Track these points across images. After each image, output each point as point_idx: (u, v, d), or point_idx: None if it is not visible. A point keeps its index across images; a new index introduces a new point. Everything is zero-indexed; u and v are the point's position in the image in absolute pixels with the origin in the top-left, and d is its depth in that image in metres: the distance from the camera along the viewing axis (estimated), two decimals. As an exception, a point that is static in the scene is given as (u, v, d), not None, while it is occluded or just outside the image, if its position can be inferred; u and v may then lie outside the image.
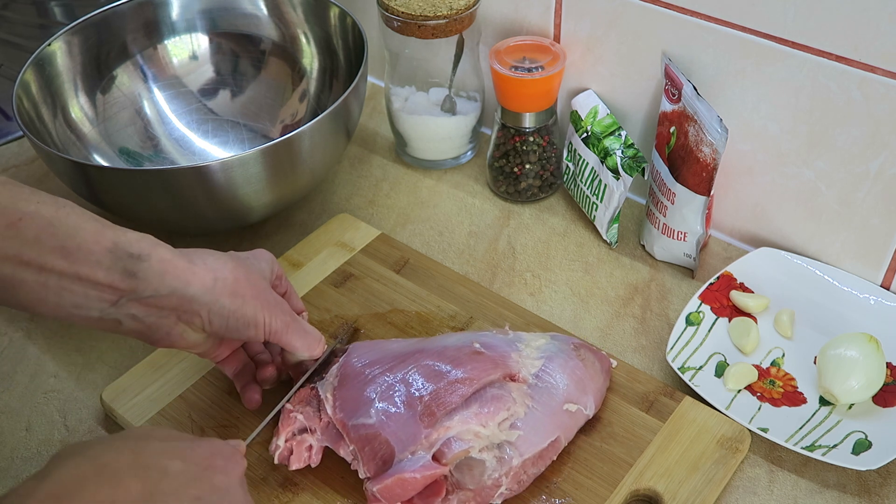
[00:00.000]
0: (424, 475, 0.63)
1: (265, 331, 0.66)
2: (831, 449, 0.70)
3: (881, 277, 0.81)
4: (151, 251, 0.61)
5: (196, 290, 0.62)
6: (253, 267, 0.68)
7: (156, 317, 0.62)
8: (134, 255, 0.60)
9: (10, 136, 1.08)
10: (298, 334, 0.68)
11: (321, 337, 0.70)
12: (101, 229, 0.60)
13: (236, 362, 0.73)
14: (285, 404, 0.69)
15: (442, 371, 0.68)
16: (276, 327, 0.66)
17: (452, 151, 1.00)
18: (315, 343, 0.69)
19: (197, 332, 0.65)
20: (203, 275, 0.63)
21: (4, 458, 0.73)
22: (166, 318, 0.63)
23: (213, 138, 1.01)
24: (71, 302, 0.60)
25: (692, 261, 0.86)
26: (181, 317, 0.63)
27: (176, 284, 0.61)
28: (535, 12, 0.92)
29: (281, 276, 0.72)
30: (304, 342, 0.68)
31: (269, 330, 0.66)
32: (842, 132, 0.77)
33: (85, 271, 0.59)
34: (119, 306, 0.61)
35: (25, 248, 0.58)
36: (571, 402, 0.69)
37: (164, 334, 0.64)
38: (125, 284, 0.60)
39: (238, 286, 0.64)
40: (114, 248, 0.60)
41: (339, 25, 0.97)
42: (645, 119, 0.91)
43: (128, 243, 0.60)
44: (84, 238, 0.59)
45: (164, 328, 0.63)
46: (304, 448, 0.68)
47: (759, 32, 0.77)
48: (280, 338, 0.67)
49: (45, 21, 1.23)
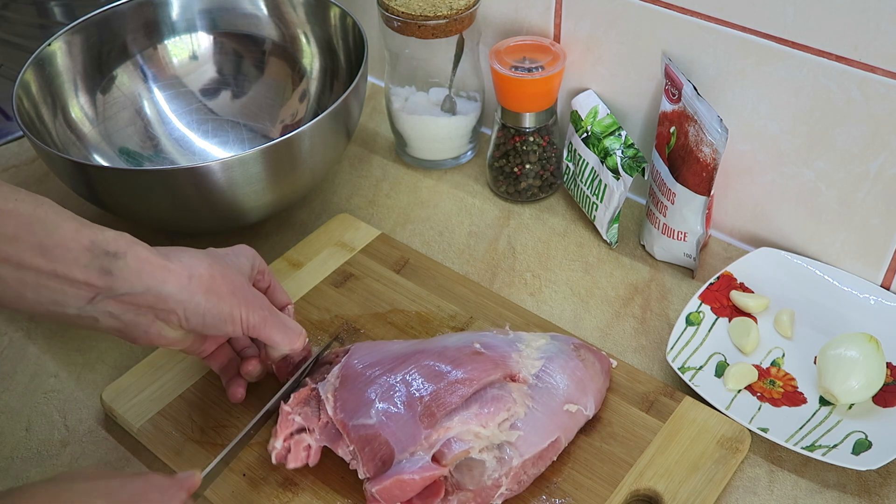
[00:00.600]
0: (424, 476, 0.63)
1: (243, 326, 0.66)
2: (831, 449, 0.70)
3: (881, 277, 0.81)
4: (128, 249, 0.62)
5: (171, 289, 0.63)
6: (230, 263, 0.68)
7: (132, 314, 0.63)
8: (110, 252, 0.61)
9: (10, 136, 1.08)
10: (278, 328, 0.68)
11: (302, 330, 0.70)
12: (78, 227, 0.61)
13: (222, 357, 0.73)
14: (283, 406, 0.69)
15: (442, 371, 0.68)
16: (253, 322, 0.66)
17: (452, 151, 1.00)
18: (295, 337, 0.69)
19: (175, 329, 0.66)
20: (178, 272, 0.63)
21: (4, 458, 0.73)
22: (143, 316, 0.63)
23: (213, 138, 1.01)
24: (49, 299, 0.60)
25: (692, 261, 0.86)
26: (158, 315, 0.64)
27: (151, 283, 0.62)
28: (535, 12, 0.92)
29: (264, 271, 0.72)
30: (284, 336, 0.69)
31: (246, 325, 0.66)
32: (842, 132, 0.77)
33: (62, 269, 0.60)
34: (95, 303, 0.61)
35: (4, 245, 0.58)
36: (572, 402, 0.69)
37: (142, 332, 0.64)
38: (102, 282, 0.61)
39: (214, 283, 0.64)
40: (91, 246, 0.61)
41: (340, 25, 0.97)
42: (645, 119, 0.91)
43: (105, 241, 0.61)
44: (62, 236, 0.60)
45: (142, 326, 0.64)
46: (302, 448, 0.68)
47: (759, 32, 0.77)
48: (259, 332, 0.67)
49: (45, 21, 1.23)
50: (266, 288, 0.73)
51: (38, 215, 0.60)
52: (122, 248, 0.61)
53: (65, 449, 0.74)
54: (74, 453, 0.74)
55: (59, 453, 0.74)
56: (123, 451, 0.73)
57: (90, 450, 0.74)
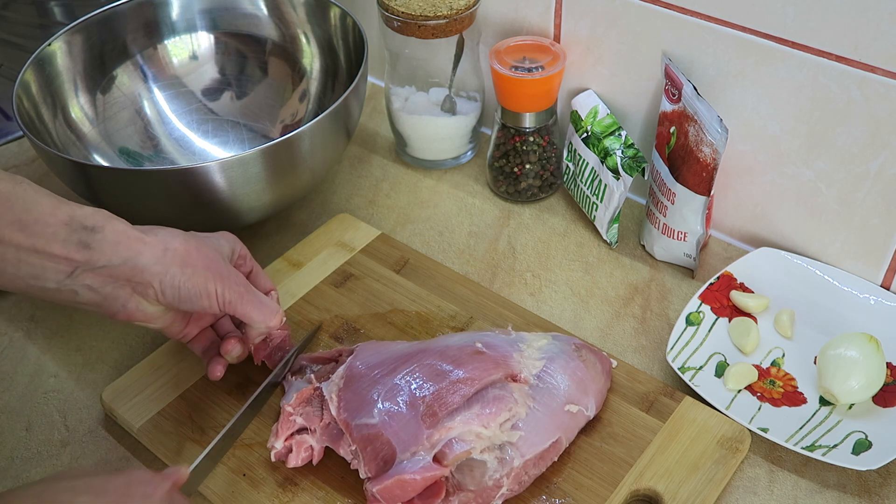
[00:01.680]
0: (425, 476, 0.63)
1: (219, 301, 0.67)
2: (831, 449, 0.70)
3: (881, 277, 0.81)
4: (105, 223, 0.64)
5: (147, 260, 0.64)
6: (208, 242, 0.70)
7: (110, 287, 0.64)
8: (88, 227, 0.63)
9: (10, 136, 1.08)
10: (254, 304, 0.69)
11: (278, 308, 0.71)
12: (56, 204, 0.63)
13: (205, 341, 0.74)
14: (285, 406, 0.69)
15: (444, 370, 0.68)
16: (229, 298, 0.68)
17: (452, 151, 1.00)
18: (271, 314, 0.70)
19: (152, 304, 0.67)
20: (154, 245, 0.65)
21: (4, 458, 0.73)
22: (121, 290, 0.65)
23: (213, 138, 1.01)
24: (28, 273, 0.62)
25: (692, 261, 0.86)
26: (135, 288, 0.65)
27: (128, 254, 0.64)
28: (535, 12, 0.92)
29: (245, 256, 0.74)
30: (260, 312, 0.69)
31: (222, 300, 0.67)
32: (842, 132, 0.77)
33: (41, 244, 0.61)
34: (74, 277, 0.63)
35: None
36: (573, 403, 0.69)
37: (121, 306, 0.66)
38: (80, 256, 0.62)
39: (188, 256, 0.66)
40: (69, 221, 0.62)
41: (340, 25, 0.97)
42: (645, 119, 0.91)
43: (83, 216, 0.63)
44: (41, 212, 0.62)
45: (120, 300, 0.65)
46: (304, 448, 0.68)
47: (759, 32, 0.77)
48: (235, 308, 0.68)
49: (45, 21, 1.23)
50: (248, 273, 0.74)
51: (17, 193, 0.61)
52: (99, 223, 0.63)
53: (65, 449, 0.74)
54: (74, 453, 0.74)
55: (59, 453, 0.74)
56: (123, 451, 0.73)
57: (90, 450, 0.74)
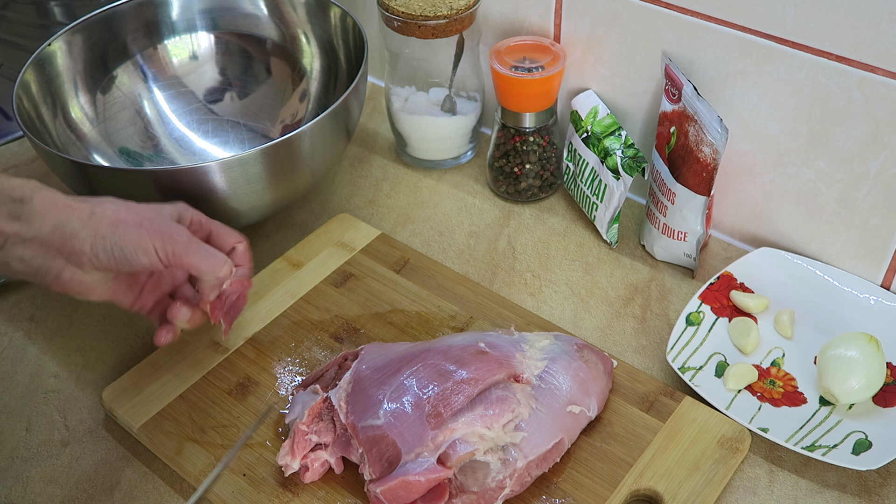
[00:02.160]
0: (429, 478, 0.63)
1: (160, 256, 0.66)
2: (831, 449, 0.70)
3: (881, 277, 0.81)
4: (34, 193, 0.64)
5: (75, 225, 0.64)
6: (146, 205, 0.69)
7: (42, 258, 0.64)
8: (17, 198, 0.63)
9: (10, 136, 1.08)
10: (200, 255, 0.68)
11: (226, 258, 0.69)
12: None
13: (162, 311, 0.73)
14: (299, 426, 0.68)
15: (448, 370, 0.68)
16: (171, 250, 0.66)
17: (452, 151, 1.00)
18: (220, 263, 0.69)
19: (89, 272, 0.66)
20: (81, 210, 0.65)
21: (4, 458, 0.73)
22: (53, 261, 0.65)
23: (213, 138, 1.01)
24: None
25: (692, 261, 0.86)
26: (69, 258, 0.65)
27: (56, 221, 0.64)
28: (535, 12, 0.92)
29: (200, 221, 0.72)
30: (208, 263, 0.68)
31: (164, 254, 0.66)
32: (842, 132, 0.77)
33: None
34: (6, 250, 0.64)
35: None
36: (575, 403, 0.69)
37: (54, 277, 0.65)
38: (10, 228, 0.63)
39: (118, 217, 0.66)
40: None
41: (340, 25, 0.97)
42: (645, 119, 0.91)
43: (11, 189, 0.63)
44: None
45: (53, 270, 0.65)
46: (320, 464, 0.68)
47: (759, 32, 0.77)
48: (181, 260, 0.67)
49: (45, 21, 1.23)
50: (207, 237, 0.73)
51: None
52: (27, 193, 0.64)
53: (65, 449, 0.74)
54: (74, 453, 0.74)
55: (59, 453, 0.74)
56: (123, 452, 0.73)
57: (90, 450, 0.74)
